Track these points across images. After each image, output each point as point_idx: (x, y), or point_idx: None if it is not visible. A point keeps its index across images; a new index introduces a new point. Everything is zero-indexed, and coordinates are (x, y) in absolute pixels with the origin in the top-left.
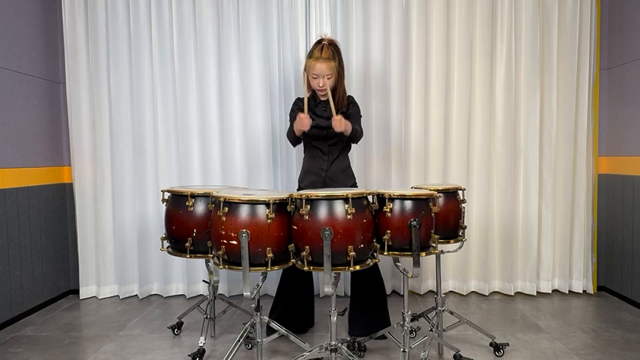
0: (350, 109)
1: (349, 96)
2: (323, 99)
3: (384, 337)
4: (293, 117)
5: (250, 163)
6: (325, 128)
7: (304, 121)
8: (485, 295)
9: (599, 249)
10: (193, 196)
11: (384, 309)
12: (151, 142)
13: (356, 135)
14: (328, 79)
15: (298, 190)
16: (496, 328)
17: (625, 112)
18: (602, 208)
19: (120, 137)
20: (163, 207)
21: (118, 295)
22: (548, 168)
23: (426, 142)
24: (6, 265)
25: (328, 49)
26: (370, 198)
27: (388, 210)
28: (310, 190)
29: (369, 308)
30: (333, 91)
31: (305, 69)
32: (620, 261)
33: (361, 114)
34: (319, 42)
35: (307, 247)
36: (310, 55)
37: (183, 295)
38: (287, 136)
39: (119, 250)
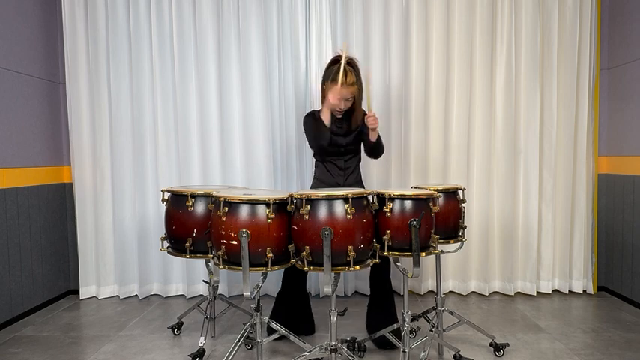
0: (364, 125)
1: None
2: (339, 116)
3: (384, 337)
4: (309, 129)
5: (250, 163)
6: (343, 146)
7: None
8: (485, 295)
9: (599, 249)
10: (193, 196)
11: (390, 307)
12: (151, 142)
13: (380, 147)
14: (349, 101)
15: None
16: (496, 328)
17: (625, 112)
18: (602, 208)
19: (120, 137)
20: (163, 207)
21: (118, 295)
22: (548, 168)
23: (426, 142)
24: (6, 265)
25: (352, 74)
26: (370, 198)
27: (388, 210)
28: (310, 190)
29: (379, 307)
30: (351, 108)
31: (323, 85)
32: (620, 261)
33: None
34: (336, 61)
35: (307, 247)
36: (333, 79)
37: (183, 295)
38: (312, 147)
39: (119, 250)
